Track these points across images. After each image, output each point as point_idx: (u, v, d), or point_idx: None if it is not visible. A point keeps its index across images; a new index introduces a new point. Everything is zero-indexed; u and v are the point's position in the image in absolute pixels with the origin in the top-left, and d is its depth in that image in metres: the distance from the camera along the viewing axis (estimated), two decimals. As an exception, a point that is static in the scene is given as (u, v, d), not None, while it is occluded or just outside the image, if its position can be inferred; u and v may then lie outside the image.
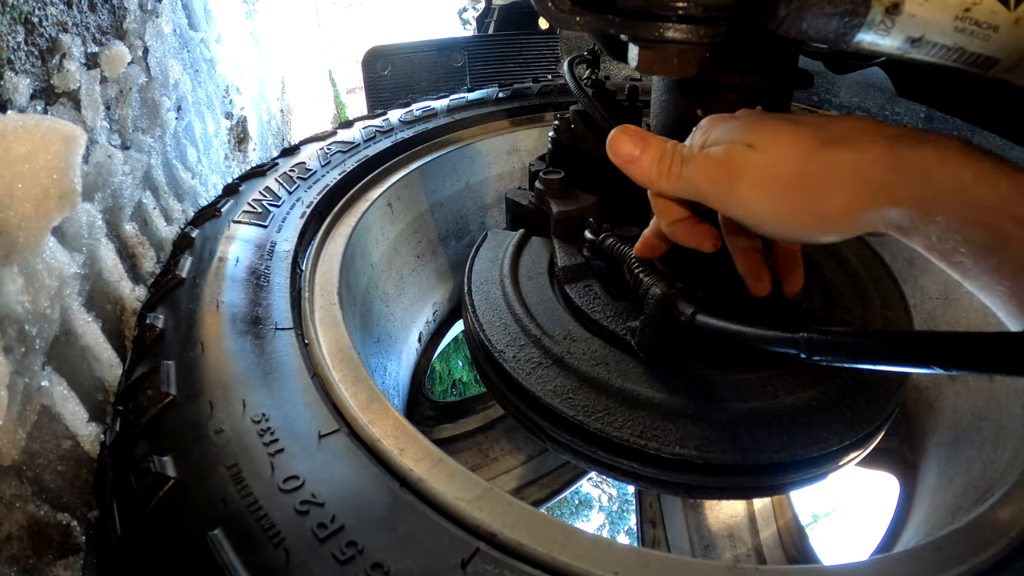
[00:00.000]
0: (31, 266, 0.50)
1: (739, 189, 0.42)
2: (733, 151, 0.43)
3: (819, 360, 0.38)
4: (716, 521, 1.06)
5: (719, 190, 0.44)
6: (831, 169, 0.39)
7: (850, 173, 0.38)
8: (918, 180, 0.36)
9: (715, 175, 0.44)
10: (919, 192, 0.35)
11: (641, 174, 0.48)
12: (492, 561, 0.40)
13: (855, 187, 0.38)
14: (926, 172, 0.35)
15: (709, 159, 0.44)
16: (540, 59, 2.17)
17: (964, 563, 0.44)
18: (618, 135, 0.48)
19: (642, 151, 0.47)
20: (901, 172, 0.36)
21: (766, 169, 0.41)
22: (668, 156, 0.46)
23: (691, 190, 0.46)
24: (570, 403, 0.59)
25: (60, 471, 0.50)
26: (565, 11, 0.49)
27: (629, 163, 0.48)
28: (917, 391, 0.93)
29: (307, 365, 0.57)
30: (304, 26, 3.03)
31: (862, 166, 0.38)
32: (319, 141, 0.99)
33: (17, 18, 0.58)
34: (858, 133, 0.39)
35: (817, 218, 0.40)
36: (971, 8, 0.35)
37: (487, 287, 0.75)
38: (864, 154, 0.38)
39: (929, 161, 0.35)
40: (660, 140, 0.48)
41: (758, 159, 0.41)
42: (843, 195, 0.39)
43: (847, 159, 0.38)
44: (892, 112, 1.27)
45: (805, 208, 0.40)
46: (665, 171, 0.46)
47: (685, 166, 0.45)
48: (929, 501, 0.80)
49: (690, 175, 0.45)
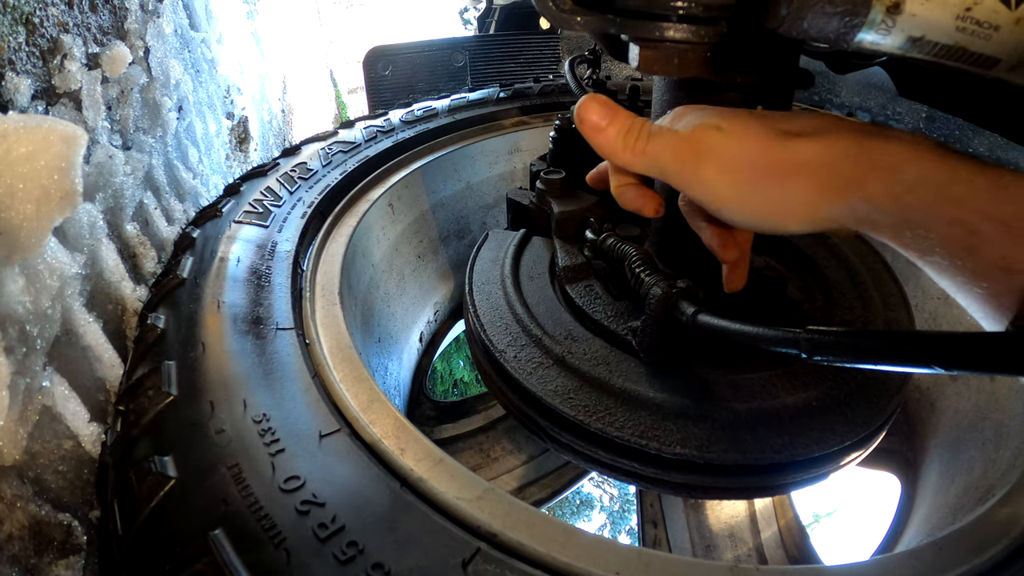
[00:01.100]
0: (32, 266, 0.50)
1: (703, 170, 0.42)
2: (701, 131, 0.42)
3: (820, 360, 0.38)
4: (717, 521, 1.06)
5: (683, 168, 0.43)
6: (798, 159, 0.39)
7: (818, 164, 0.38)
8: (890, 176, 0.35)
9: (681, 152, 0.43)
10: (891, 188, 0.35)
11: (606, 144, 0.47)
12: (493, 561, 0.40)
13: (822, 179, 0.38)
14: (898, 168, 0.35)
15: (676, 136, 0.44)
16: (541, 59, 2.17)
17: (965, 563, 0.44)
18: (587, 102, 0.47)
19: (609, 122, 0.47)
20: (872, 167, 0.36)
21: (732, 152, 0.41)
22: (635, 130, 0.46)
23: (655, 166, 0.45)
24: (571, 403, 0.59)
25: (61, 471, 0.50)
26: (566, 11, 0.49)
27: (595, 132, 0.47)
28: (918, 391, 0.93)
29: (308, 365, 0.57)
30: (305, 26, 3.03)
31: (831, 158, 0.38)
32: (320, 141, 0.99)
33: (18, 19, 0.58)
34: (827, 127, 0.39)
35: (780, 207, 0.40)
36: (972, 8, 0.35)
37: (488, 287, 0.75)
38: (833, 147, 0.38)
39: (902, 157, 0.35)
40: (628, 114, 0.47)
41: (725, 142, 0.41)
42: (809, 186, 0.38)
43: (816, 150, 0.38)
44: (893, 112, 1.27)
45: (768, 196, 0.40)
46: (631, 144, 0.46)
47: (651, 141, 0.45)
48: (930, 501, 0.80)
49: (656, 150, 0.44)
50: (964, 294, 0.34)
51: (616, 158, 0.47)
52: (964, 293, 0.34)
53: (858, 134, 0.38)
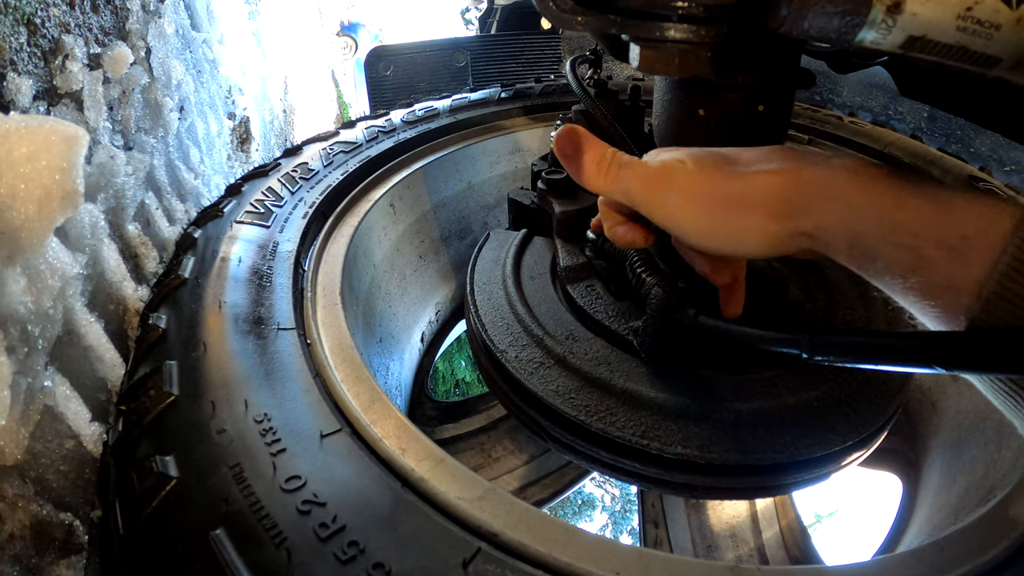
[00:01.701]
0: (34, 266, 0.50)
1: (668, 198, 0.46)
2: (668, 164, 0.46)
3: (821, 360, 0.38)
4: (718, 521, 1.06)
5: (650, 197, 0.47)
6: (752, 190, 0.41)
7: (769, 195, 0.41)
8: (839, 203, 0.37)
9: (649, 181, 0.47)
10: (841, 216, 0.37)
11: (581, 172, 0.51)
12: (494, 561, 0.40)
13: (773, 207, 0.41)
14: (846, 196, 0.37)
15: (645, 166, 0.47)
16: (543, 59, 2.17)
17: (967, 563, 0.44)
18: (565, 133, 0.51)
19: (584, 152, 0.50)
20: (820, 195, 0.39)
21: (694, 184, 0.44)
22: (607, 159, 0.49)
23: (625, 193, 0.48)
24: (572, 403, 0.59)
25: (63, 471, 0.50)
26: (567, 11, 0.49)
27: (570, 160, 0.51)
28: (920, 391, 0.93)
29: (309, 365, 0.57)
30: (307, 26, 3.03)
31: (780, 188, 0.40)
32: (322, 141, 0.99)
33: (20, 19, 0.58)
34: (779, 158, 0.42)
35: (737, 233, 0.43)
36: (973, 7, 0.35)
37: (489, 287, 0.75)
38: (783, 176, 0.41)
39: (849, 186, 0.37)
40: (602, 144, 0.50)
41: (688, 174, 0.45)
42: (762, 214, 0.41)
43: (764, 181, 0.41)
44: (895, 111, 1.27)
45: (726, 223, 0.43)
46: (603, 171, 0.49)
47: (623, 169, 0.48)
48: (932, 501, 0.80)
49: (626, 178, 0.48)
50: (919, 312, 0.36)
51: (591, 183, 0.51)
52: (919, 311, 0.36)
53: (807, 165, 0.40)
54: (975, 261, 0.31)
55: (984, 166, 1.08)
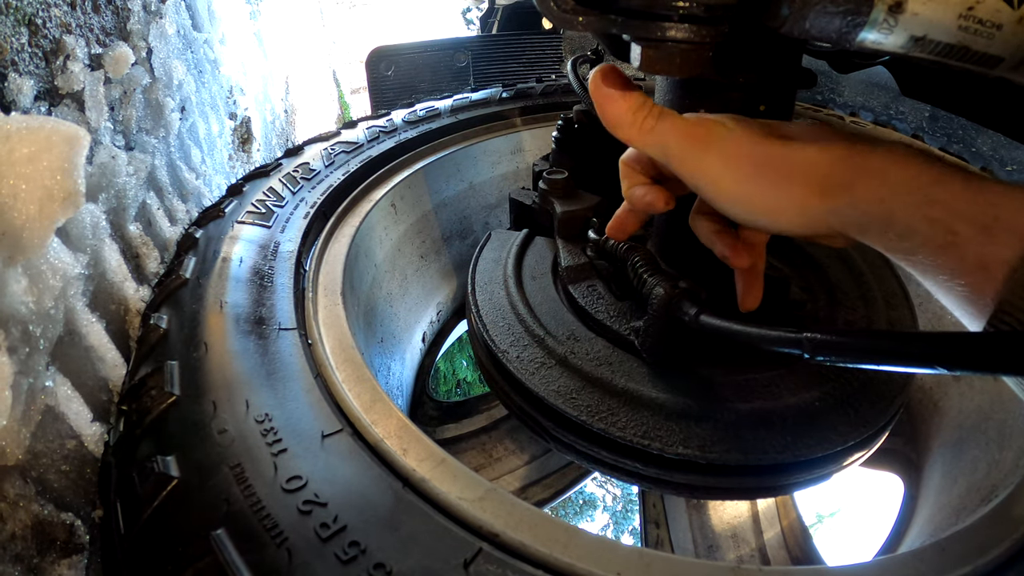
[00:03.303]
0: (35, 267, 0.50)
1: (707, 157, 0.44)
2: (709, 122, 0.45)
3: (823, 360, 0.38)
4: (720, 522, 1.06)
5: (687, 154, 0.45)
6: (796, 160, 0.41)
7: (813, 166, 0.40)
8: (876, 179, 0.37)
9: (688, 136, 0.45)
10: (876, 191, 0.37)
11: (616, 116, 0.48)
12: (495, 561, 0.40)
13: (816, 180, 0.40)
14: (884, 172, 0.37)
15: (685, 121, 0.46)
16: (544, 59, 2.16)
17: (968, 564, 0.44)
18: (606, 70, 0.48)
19: (623, 95, 0.47)
20: (860, 171, 0.38)
21: (736, 145, 0.43)
22: (646, 107, 0.47)
23: (659, 146, 0.46)
24: (574, 403, 0.59)
25: (64, 471, 0.50)
26: (568, 11, 0.49)
27: (608, 101, 0.48)
28: (922, 391, 0.93)
29: (310, 365, 0.57)
30: (308, 27, 3.03)
31: (822, 162, 0.40)
32: (323, 141, 0.99)
33: (21, 20, 0.58)
34: (820, 134, 0.42)
35: (774, 203, 0.42)
36: (974, 7, 0.35)
37: (491, 287, 0.75)
38: (827, 151, 0.40)
39: (887, 162, 0.37)
40: (642, 92, 0.48)
41: (730, 134, 0.43)
42: (803, 186, 0.40)
43: (809, 153, 0.41)
44: (896, 111, 1.26)
45: (765, 192, 0.42)
46: (640, 120, 0.47)
47: (661, 120, 0.46)
48: (933, 502, 0.80)
49: (663, 130, 0.46)
50: (946, 292, 0.36)
51: (624, 131, 0.48)
52: (945, 292, 0.36)
53: (849, 141, 0.40)
54: (1005, 241, 0.32)
55: (986, 166, 1.08)
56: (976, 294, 0.33)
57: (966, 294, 0.34)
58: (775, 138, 0.42)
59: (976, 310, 0.34)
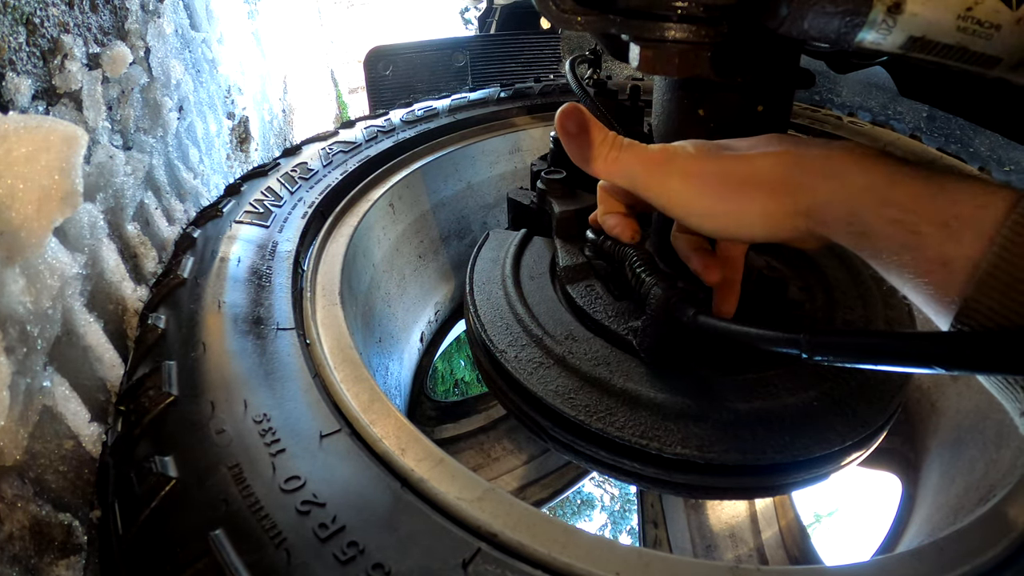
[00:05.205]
0: (33, 266, 0.50)
1: (669, 180, 0.46)
2: (667, 147, 0.47)
3: (821, 360, 0.38)
4: (718, 521, 1.06)
5: (652, 179, 0.47)
6: (749, 169, 0.43)
7: (768, 172, 0.42)
8: (835, 182, 0.38)
9: (650, 162, 0.47)
10: (837, 194, 0.38)
11: (583, 153, 0.50)
12: (493, 561, 0.40)
13: (772, 186, 0.41)
14: (843, 175, 0.38)
15: (647, 149, 0.48)
16: (542, 59, 2.17)
17: (966, 564, 0.44)
18: (567, 111, 0.50)
19: (587, 132, 0.49)
20: (819, 175, 0.39)
21: (694, 164, 0.45)
22: (609, 140, 0.49)
23: (626, 176, 0.49)
24: (572, 403, 0.59)
25: (62, 471, 0.50)
26: (566, 11, 0.49)
27: (572, 140, 0.50)
28: (919, 391, 0.93)
29: (309, 365, 0.57)
30: (306, 26, 3.03)
31: (780, 167, 0.41)
32: (321, 141, 0.99)
33: (19, 19, 0.58)
34: (778, 142, 0.43)
35: (736, 214, 0.44)
36: (973, 7, 0.35)
37: (489, 287, 0.75)
38: (782, 156, 0.42)
39: (846, 165, 0.38)
40: (603, 127, 0.50)
41: (689, 155, 0.46)
42: (765, 195, 0.42)
43: (766, 160, 0.42)
44: (895, 111, 1.27)
45: (726, 203, 0.44)
46: (604, 153, 0.49)
47: (624, 152, 0.48)
48: (931, 501, 0.80)
49: (628, 160, 0.48)
50: (913, 291, 0.36)
51: (590, 165, 0.50)
52: (912, 290, 0.36)
53: (805, 147, 0.42)
54: (968, 240, 0.32)
55: (983, 166, 1.08)
56: (941, 292, 0.34)
57: (931, 292, 0.34)
58: (731, 153, 0.44)
59: (942, 308, 0.34)
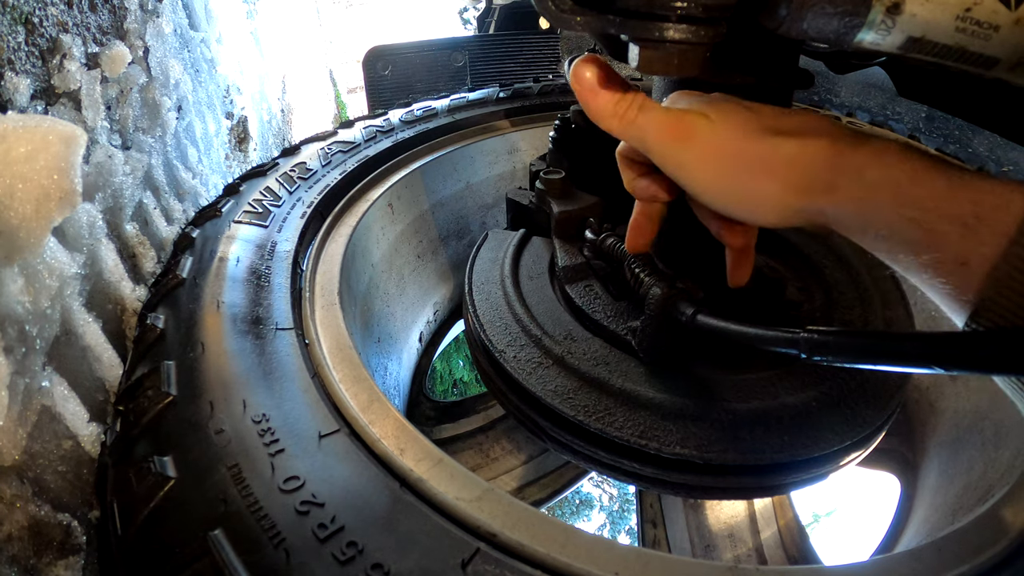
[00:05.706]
0: (32, 266, 0.50)
1: (684, 153, 0.44)
2: (688, 115, 0.44)
3: (820, 360, 0.38)
4: (717, 521, 1.06)
5: (666, 147, 0.44)
6: (771, 155, 0.40)
7: (789, 162, 0.40)
8: (854, 178, 0.37)
9: (666, 130, 0.44)
10: (853, 190, 0.37)
11: (597, 107, 0.47)
12: (492, 561, 0.40)
13: (794, 178, 0.39)
14: (861, 171, 0.37)
15: (666, 114, 0.45)
16: (541, 59, 2.17)
17: (965, 563, 0.44)
18: (585, 61, 0.48)
19: (605, 86, 0.47)
20: (840, 169, 0.38)
21: (712, 139, 0.42)
22: (628, 99, 0.46)
23: (639, 138, 0.46)
24: (571, 403, 0.59)
25: (61, 471, 0.50)
26: (565, 11, 0.49)
27: (590, 93, 0.47)
28: (918, 391, 0.93)
29: (308, 365, 0.57)
30: (305, 26, 3.03)
31: (802, 158, 0.39)
32: (320, 141, 0.99)
33: (17, 18, 0.58)
34: (808, 127, 0.41)
35: (752, 199, 0.42)
36: (972, 8, 0.35)
37: (488, 287, 0.75)
38: (806, 147, 0.39)
39: (866, 160, 0.37)
40: (624, 82, 0.47)
41: (710, 130, 0.43)
42: (781, 183, 0.40)
43: (789, 148, 0.40)
44: (893, 111, 1.27)
45: (743, 188, 0.42)
46: (621, 112, 0.46)
47: (641, 113, 0.45)
48: (930, 501, 0.80)
49: (643, 123, 0.45)
50: (930, 289, 0.36)
51: (605, 122, 0.48)
52: (929, 289, 0.36)
53: (833, 137, 0.39)
54: (986, 239, 0.32)
55: (982, 166, 1.08)
56: (958, 291, 0.33)
57: (949, 291, 0.34)
58: (758, 132, 0.41)
59: (960, 307, 0.34)
